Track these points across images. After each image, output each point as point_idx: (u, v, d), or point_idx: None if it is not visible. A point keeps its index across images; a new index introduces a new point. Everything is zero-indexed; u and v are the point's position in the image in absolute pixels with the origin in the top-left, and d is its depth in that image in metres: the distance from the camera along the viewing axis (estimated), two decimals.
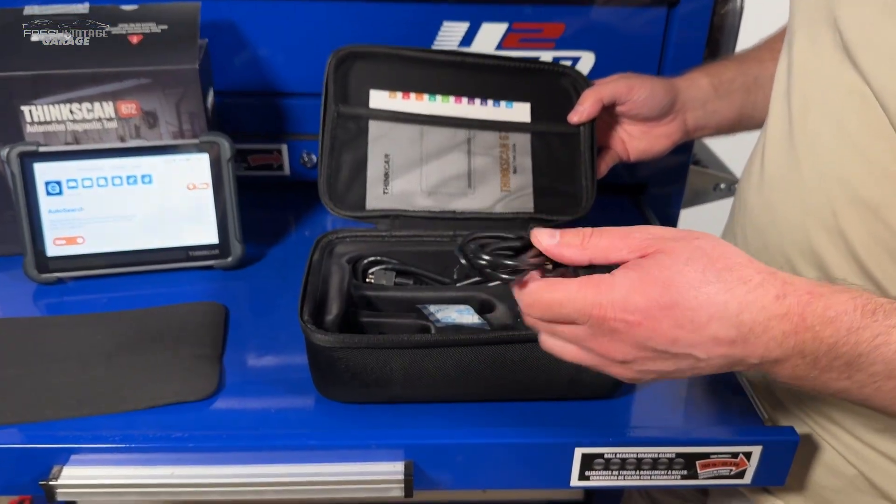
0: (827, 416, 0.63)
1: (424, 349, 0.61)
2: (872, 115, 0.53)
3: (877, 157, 0.53)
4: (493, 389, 0.64)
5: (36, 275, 0.79)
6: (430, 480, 0.61)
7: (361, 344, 0.61)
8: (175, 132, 0.81)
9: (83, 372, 0.67)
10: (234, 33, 0.90)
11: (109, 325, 0.73)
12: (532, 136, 0.82)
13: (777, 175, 0.64)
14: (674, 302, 0.45)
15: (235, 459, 0.60)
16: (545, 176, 0.82)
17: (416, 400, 0.65)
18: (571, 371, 0.62)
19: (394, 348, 0.61)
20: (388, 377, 0.62)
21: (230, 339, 0.72)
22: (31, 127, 0.78)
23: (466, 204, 0.80)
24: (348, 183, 0.79)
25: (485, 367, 0.62)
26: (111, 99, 0.78)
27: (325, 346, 0.60)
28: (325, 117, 0.79)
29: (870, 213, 0.55)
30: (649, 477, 0.62)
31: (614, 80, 0.80)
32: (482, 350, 0.62)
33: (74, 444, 0.59)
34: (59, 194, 0.78)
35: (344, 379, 0.62)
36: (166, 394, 0.64)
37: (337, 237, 0.76)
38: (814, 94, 0.59)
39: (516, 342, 0.62)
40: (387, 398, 0.64)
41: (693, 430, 0.63)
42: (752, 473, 0.63)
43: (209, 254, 0.82)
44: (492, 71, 0.82)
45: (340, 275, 0.71)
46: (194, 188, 0.80)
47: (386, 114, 0.80)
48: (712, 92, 0.81)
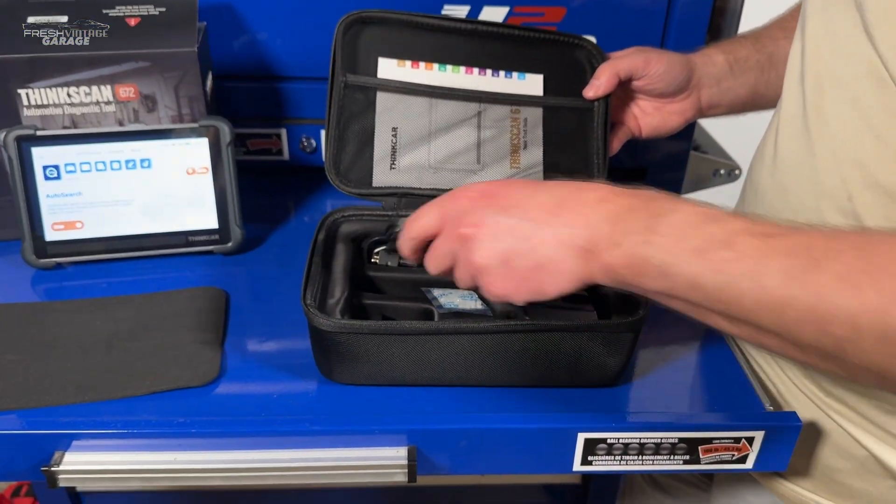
0: (838, 398, 0.63)
1: (426, 336, 0.61)
2: (890, 97, 0.52)
3: (894, 139, 0.53)
4: (496, 376, 0.64)
5: (34, 260, 0.78)
6: (433, 465, 0.61)
7: (363, 330, 0.61)
8: (174, 116, 0.80)
9: (83, 358, 0.66)
10: (232, 16, 0.89)
11: (109, 311, 0.72)
12: (544, 110, 0.80)
13: (791, 158, 0.63)
14: (507, 184, 0.57)
15: (238, 445, 0.60)
16: (556, 153, 0.80)
17: (419, 384, 0.65)
18: (572, 359, 0.63)
19: (396, 335, 0.61)
20: (390, 362, 0.62)
21: (231, 325, 0.72)
22: (29, 110, 0.77)
23: (475, 181, 0.78)
24: (354, 158, 0.77)
25: (486, 354, 0.62)
26: (109, 82, 0.77)
27: (327, 330, 0.60)
28: (332, 88, 0.76)
29: (886, 197, 0.54)
30: (651, 462, 0.63)
31: (631, 54, 0.79)
32: (484, 338, 0.62)
33: (76, 430, 0.59)
34: (57, 179, 0.77)
35: (346, 362, 0.62)
36: (168, 379, 0.64)
37: (342, 216, 0.76)
38: (829, 76, 0.59)
39: (518, 332, 0.62)
40: (389, 381, 0.64)
41: (696, 416, 0.63)
42: (754, 459, 0.63)
43: (209, 239, 0.81)
44: (505, 40, 0.79)
45: (345, 255, 0.71)
46: (194, 173, 0.79)
47: (395, 84, 0.77)
48: (727, 69, 0.80)
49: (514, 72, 0.80)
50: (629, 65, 0.78)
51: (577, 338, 0.62)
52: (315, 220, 0.91)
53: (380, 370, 0.63)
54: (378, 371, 0.63)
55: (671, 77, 0.78)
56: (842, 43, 0.57)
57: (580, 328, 0.62)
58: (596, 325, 0.63)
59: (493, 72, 0.79)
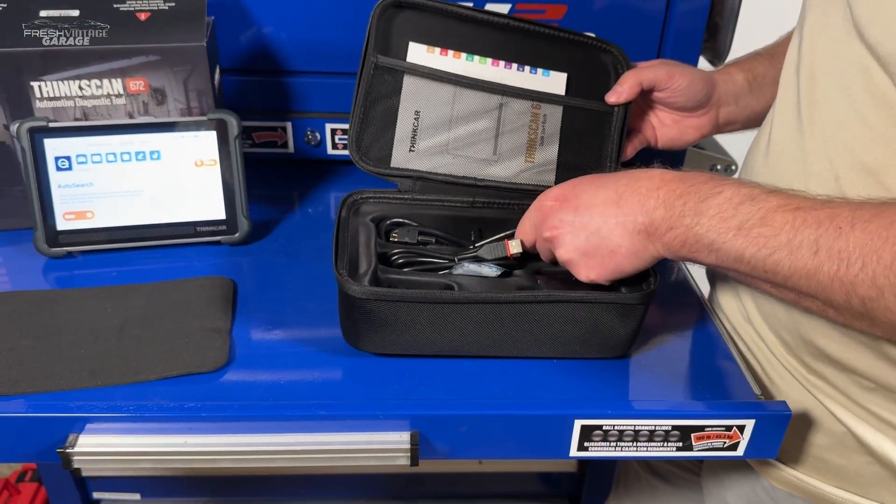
0: (820, 375, 0.65)
1: (451, 305, 0.65)
2: (875, 85, 0.55)
3: (879, 124, 0.56)
4: (513, 345, 0.68)
5: (46, 249, 0.80)
6: (434, 450, 0.63)
7: (393, 297, 0.64)
8: (183, 109, 0.82)
9: (95, 344, 0.68)
10: (239, 10, 0.91)
11: (120, 299, 0.74)
12: (564, 109, 0.82)
13: (783, 142, 0.66)
14: (576, 185, 0.66)
15: (246, 429, 0.62)
16: (571, 152, 0.83)
17: (442, 353, 0.68)
18: (585, 329, 0.67)
19: (424, 303, 0.65)
20: (416, 330, 0.66)
21: (238, 313, 0.74)
22: (41, 103, 0.79)
23: (489, 171, 0.81)
24: (376, 137, 0.79)
25: (506, 324, 0.66)
26: (120, 76, 0.79)
27: (359, 297, 0.64)
28: (362, 67, 0.78)
29: (870, 177, 0.57)
30: (646, 448, 0.65)
31: (655, 66, 0.81)
32: (504, 308, 0.66)
33: (89, 414, 0.61)
34: (68, 169, 0.79)
35: (374, 330, 0.66)
36: (178, 365, 0.66)
37: (362, 197, 0.79)
38: (821, 66, 0.62)
39: (538, 302, 0.65)
40: (414, 350, 0.68)
41: (689, 404, 0.65)
42: (744, 446, 0.65)
43: (216, 229, 0.83)
44: (535, 37, 0.81)
45: (367, 233, 0.74)
46: (202, 164, 0.81)
47: (422, 69, 0.79)
48: (746, 87, 0.82)
49: (540, 68, 0.82)
50: (653, 76, 0.80)
51: (592, 308, 0.66)
52: (319, 211, 0.94)
53: (405, 338, 0.66)
54: (403, 339, 0.67)
55: (692, 92, 0.80)
56: (834, 36, 0.60)
57: (596, 300, 0.65)
58: (610, 297, 0.66)
59: (518, 66, 0.81)
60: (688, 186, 0.59)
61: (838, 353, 0.62)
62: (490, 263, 0.73)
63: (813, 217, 0.53)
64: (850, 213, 0.51)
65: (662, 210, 0.60)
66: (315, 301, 0.75)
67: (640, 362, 0.70)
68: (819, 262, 0.52)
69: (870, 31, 0.55)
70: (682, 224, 0.58)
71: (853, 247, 0.50)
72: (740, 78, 0.83)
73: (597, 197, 0.63)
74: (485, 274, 0.73)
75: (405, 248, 0.75)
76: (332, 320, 0.70)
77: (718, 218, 0.57)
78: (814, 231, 0.52)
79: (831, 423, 0.66)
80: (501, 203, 0.81)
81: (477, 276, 0.72)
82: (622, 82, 0.80)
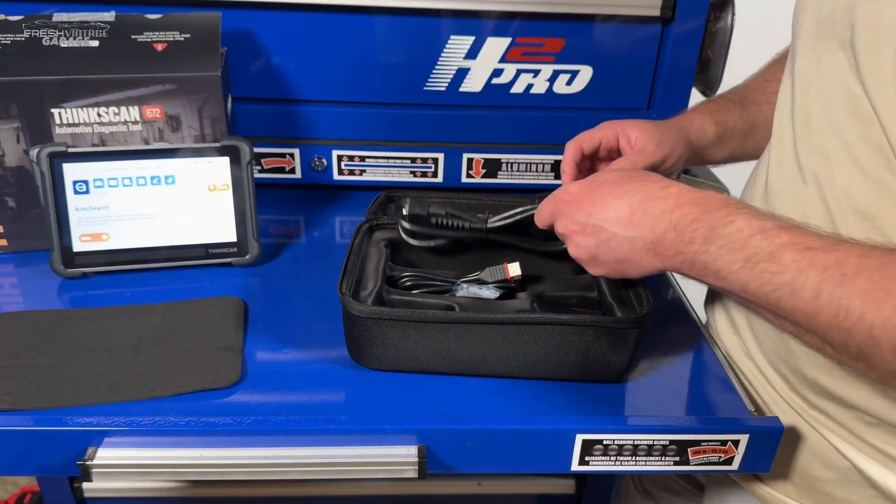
0: (822, 410, 0.67)
1: (445, 324, 0.68)
2: (870, 130, 0.57)
3: (874, 168, 0.58)
4: (508, 366, 0.70)
5: (62, 269, 0.82)
6: (441, 463, 0.66)
7: (390, 316, 0.68)
8: (197, 136, 0.85)
9: (111, 361, 0.71)
10: (251, 42, 0.95)
11: (134, 318, 0.77)
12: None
13: (780, 184, 0.68)
14: (594, 189, 0.66)
15: (260, 442, 0.64)
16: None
17: (438, 371, 0.71)
18: (579, 354, 0.69)
19: (418, 321, 0.68)
20: (412, 348, 0.69)
21: (249, 332, 0.76)
22: (60, 129, 0.82)
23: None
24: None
25: (500, 345, 0.69)
26: (137, 103, 0.82)
27: (358, 315, 0.67)
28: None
29: (867, 222, 0.59)
30: (644, 463, 0.67)
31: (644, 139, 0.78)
32: (497, 329, 0.68)
33: (107, 427, 0.63)
34: (86, 193, 0.82)
35: (374, 347, 0.69)
36: (192, 382, 0.68)
37: (377, 223, 0.83)
38: (815, 110, 0.63)
39: (528, 324, 0.68)
40: (411, 367, 0.71)
41: (685, 420, 0.68)
42: (739, 460, 0.67)
43: (228, 251, 0.86)
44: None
45: (378, 256, 0.78)
46: (215, 189, 0.84)
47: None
48: (716, 140, 0.84)
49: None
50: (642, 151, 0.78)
51: (583, 333, 0.68)
52: (325, 235, 0.97)
53: (403, 356, 0.70)
54: (401, 357, 0.70)
55: (676, 156, 0.79)
56: (829, 81, 0.62)
57: (586, 323, 0.68)
58: (602, 321, 0.68)
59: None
60: (701, 212, 0.59)
61: (840, 391, 0.64)
62: (490, 286, 0.76)
63: (820, 259, 0.52)
64: (857, 259, 0.51)
65: (672, 234, 0.61)
66: (322, 320, 0.78)
67: (637, 381, 0.73)
68: (819, 305, 0.52)
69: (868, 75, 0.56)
70: (690, 250, 0.60)
71: (854, 295, 0.50)
72: (712, 131, 0.83)
73: (610, 208, 0.64)
74: (484, 296, 0.75)
75: (413, 272, 0.78)
76: (339, 338, 0.72)
77: (727, 248, 0.57)
78: (818, 274, 0.52)
79: (835, 458, 0.67)
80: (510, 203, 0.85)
81: (477, 297, 0.75)
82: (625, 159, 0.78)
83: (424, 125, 1.00)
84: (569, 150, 0.79)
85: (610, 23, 0.96)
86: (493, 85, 0.99)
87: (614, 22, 0.96)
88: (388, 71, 0.98)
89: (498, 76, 0.98)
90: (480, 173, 1.04)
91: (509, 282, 0.76)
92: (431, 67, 0.97)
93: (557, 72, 0.98)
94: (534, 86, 0.99)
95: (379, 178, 1.03)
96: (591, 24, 0.96)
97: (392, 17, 0.94)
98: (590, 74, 0.99)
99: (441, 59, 0.97)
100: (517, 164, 1.04)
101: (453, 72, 0.98)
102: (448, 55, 0.97)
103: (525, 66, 0.98)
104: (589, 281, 0.79)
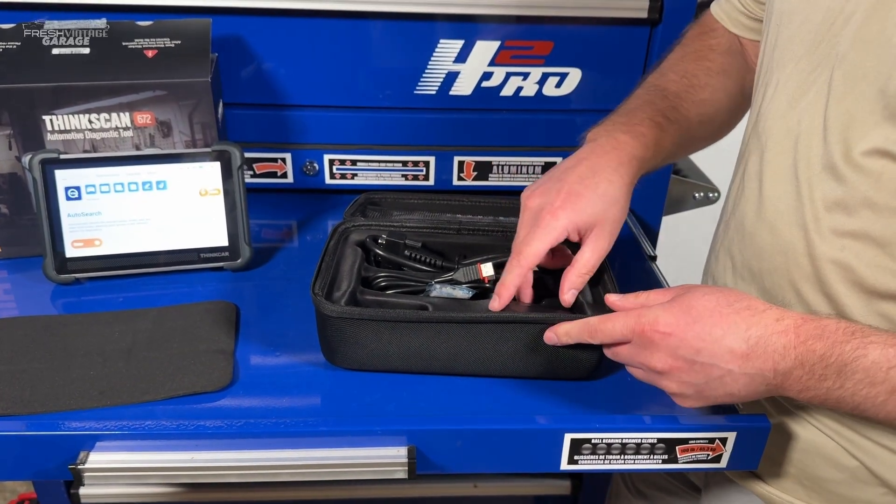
0: (828, 413, 0.68)
1: (416, 324, 0.69)
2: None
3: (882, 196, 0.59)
4: (480, 365, 0.71)
5: (55, 275, 0.83)
6: (431, 464, 0.66)
7: (362, 316, 0.69)
8: (188, 141, 0.85)
9: (104, 366, 0.71)
10: (241, 48, 0.95)
11: (127, 323, 0.77)
12: None
13: (779, 200, 0.67)
14: (695, 320, 0.60)
15: (251, 445, 0.65)
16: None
17: (410, 370, 0.71)
18: (549, 352, 0.70)
19: (388, 321, 0.69)
20: (384, 347, 0.70)
21: (241, 335, 0.77)
22: (52, 135, 0.83)
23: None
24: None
25: (470, 344, 0.70)
26: (128, 109, 0.83)
27: (330, 315, 0.68)
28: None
29: (878, 248, 0.61)
30: (633, 461, 0.68)
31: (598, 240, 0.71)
32: (468, 328, 0.69)
33: (99, 432, 0.64)
34: (78, 199, 0.82)
35: (347, 346, 0.70)
36: (184, 385, 0.69)
37: (353, 226, 0.84)
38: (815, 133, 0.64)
39: (496, 322, 0.69)
40: (384, 366, 0.71)
41: (673, 418, 0.68)
42: (727, 458, 0.68)
43: (219, 256, 0.86)
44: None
45: (353, 257, 0.78)
46: (206, 194, 0.84)
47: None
48: (652, 156, 0.76)
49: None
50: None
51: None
52: (317, 238, 0.97)
53: (376, 356, 0.70)
54: (374, 356, 0.70)
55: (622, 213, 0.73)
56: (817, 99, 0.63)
57: (556, 321, 0.68)
58: (570, 318, 0.68)
59: None
60: (828, 346, 0.57)
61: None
62: (463, 286, 0.77)
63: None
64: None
65: (800, 371, 0.57)
66: (313, 323, 0.78)
67: (623, 379, 0.73)
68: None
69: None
70: (822, 387, 0.57)
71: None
72: (648, 155, 0.75)
73: (722, 344, 0.59)
74: (458, 296, 0.76)
75: (388, 272, 0.79)
76: None
77: (867, 383, 0.56)
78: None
79: (843, 458, 0.68)
80: (486, 229, 0.85)
81: (450, 297, 0.76)
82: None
83: (415, 129, 1.01)
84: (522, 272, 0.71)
85: (598, 25, 0.97)
86: (483, 88, 1.00)
87: (602, 24, 0.97)
88: (378, 75, 0.98)
89: (487, 79, 0.99)
90: (472, 176, 1.05)
91: (483, 282, 0.76)
92: (421, 71, 0.98)
93: (547, 74, 0.99)
94: (523, 88, 1.00)
95: (370, 181, 1.04)
96: (579, 27, 0.97)
97: (382, 21, 0.95)
98: (579, 77, 1.00)
99: (431, 63, 0.97)
100: (508, 166, 1.04)
101: (443, 75, 0.99)
102: (438, 59, 0.97)
103: (514, 70, 0.99)
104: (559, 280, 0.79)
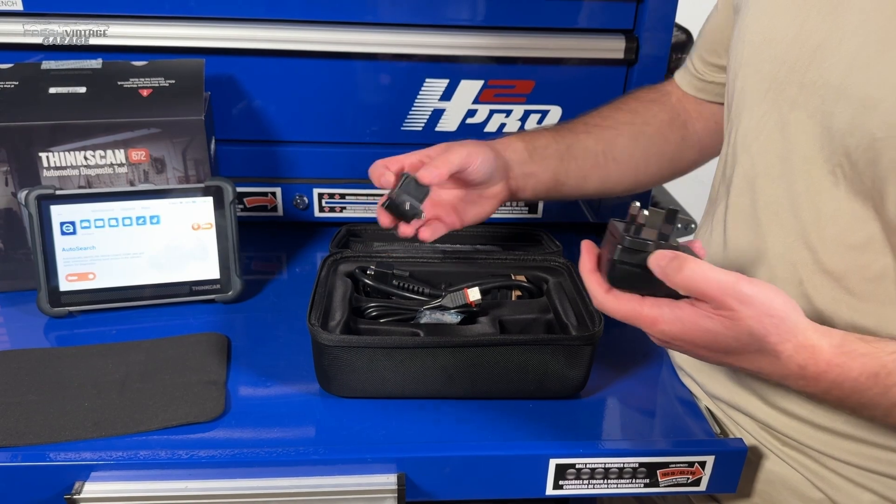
0: (795, 447, 0.70)
1: (410, 349, 0.71)
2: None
3: (830, 226, 0.62)
4: (473, 387, 0.73)
5: (49, 309, 0.84)
6: (420, 491, 0.68)
7: (358, 343, 0.71)
8: (181, 177, 0.88)
9: (98, 397, 0.72)
10: (233, 87, 0.98)
11: (120, 355, 0.79)
12: None
13: (741, 245, 0.71)
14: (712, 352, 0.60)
15: (243, 474, 0.66)
16: None
17: (406, 396, 0.74)
18: (539, 371, 0.73)
19: (384, 348, 0.71)
20: (380, 374, 0.72)
21: (233, 366, 0.79)
22: (48, 172, 0.85)
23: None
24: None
25: (464, 367, 0.72)
26: (123, 147, 0.85)
27: (327, 344, 0.70)
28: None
29: (834, 282, 0.63)
30: (616, 485, 0.70)
31: (452, 149, 0.76)
32: (461, 352, 0.72)
33: (94, 462, 0.65)
34: (72, 234, 0.84)
35: (343, 374, 0.72)
36: (177, 416, 0.70)
37: (342, 257, 0.86)
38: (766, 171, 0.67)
39: (488, 345, 0.71)
40: (380, 393, 0.74)
41: (654, 443, 0.71)
42: (706, 481, 0.70)
43: (211, 288, 0.88)
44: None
45: (344, 288, 0.81)
46: (199, 228, 0.87)
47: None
48: (527, 155, 0.83)
49: None
50: (458, 159, 0.75)
51: (542, 351, 0.72)
52: (307, 271, 0.99)
53: (372, 382, 0.72)
54: (370, 383, 0.72)
55: (488, 165, 0.78)
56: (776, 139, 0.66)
57: (544, 341, 0.72)
58: (558, 339, 0.72)
59: None
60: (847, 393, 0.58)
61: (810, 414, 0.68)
62: (452, 311, 0.79)
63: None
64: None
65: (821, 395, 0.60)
66: (304, 354, 0.80)
67: (606, 404, 0.76)
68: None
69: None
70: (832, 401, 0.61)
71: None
72: (520, 146, 0.83)
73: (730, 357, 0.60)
74: (447, 321, 0.78)
75: (378, 302, 0.81)
76: None
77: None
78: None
79: (808, 490, 0.70)
80: (469, 257, 0.89)
81: (440, 323, 0.78)
82: (437, 166, 0.73)
83: None
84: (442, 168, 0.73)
85: (577, 66, 1.01)
86: (468, 124, 1.03)
87: (581, 65, 1.01)
88: (366, 112, 1.02)
89: (472, 116, 1.03)
90: None
91: (470, 306, 0.79)
92: (408, 109, 1.02)
93: (528, 111, 1.03)
94: (506, 125, 1.04)
95: (359, 214, 1.06)
96: (559, 67, 1.01)
97: (370, 61, 0.98)
98: (559, 114, 1.04)
99: (417, 100, 1.01)
100: None
101: (429, 113, 1.02)
102: (424, 97, 1.01)
103: (497, 107, 1.02)
104: (545, 303, 0.83)
